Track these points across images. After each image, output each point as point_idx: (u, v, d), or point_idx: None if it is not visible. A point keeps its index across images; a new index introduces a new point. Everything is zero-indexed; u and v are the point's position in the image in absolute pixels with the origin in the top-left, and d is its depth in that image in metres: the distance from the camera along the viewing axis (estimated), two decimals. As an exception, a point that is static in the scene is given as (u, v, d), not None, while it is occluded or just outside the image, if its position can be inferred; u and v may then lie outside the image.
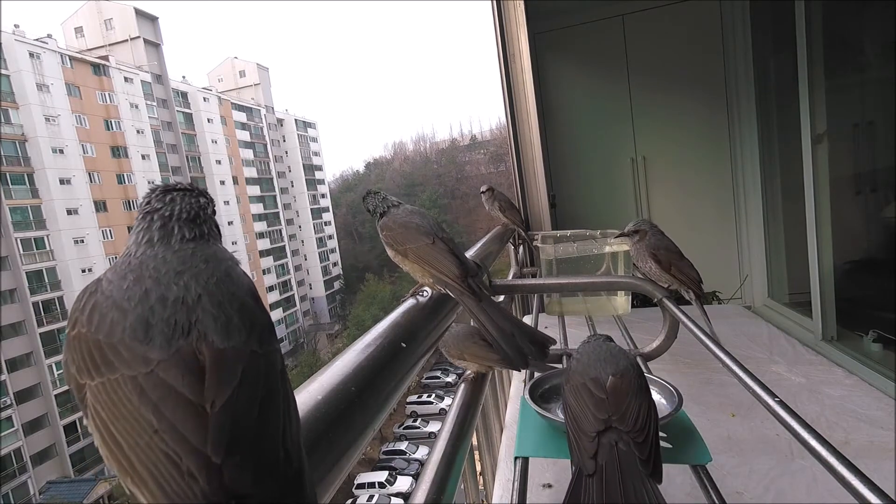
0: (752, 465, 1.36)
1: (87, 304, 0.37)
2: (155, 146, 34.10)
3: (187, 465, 0.29)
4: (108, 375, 0.33)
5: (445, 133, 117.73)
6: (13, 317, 24.16)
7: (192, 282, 0.38)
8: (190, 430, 0.31)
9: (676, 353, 1.32)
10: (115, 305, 0.36)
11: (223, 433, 0.31)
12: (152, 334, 0.34)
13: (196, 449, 0.30)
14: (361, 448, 0.54)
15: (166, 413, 0.31)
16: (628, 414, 0.60)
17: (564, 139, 3.93)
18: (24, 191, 26.56)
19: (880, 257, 2.56)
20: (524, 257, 2.77)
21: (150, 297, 0.36)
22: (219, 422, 0.31)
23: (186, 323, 0.35)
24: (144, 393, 0.32)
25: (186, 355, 0.34)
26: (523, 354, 0.83)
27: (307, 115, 57.07)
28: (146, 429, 0.31)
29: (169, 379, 0.32)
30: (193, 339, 0.34)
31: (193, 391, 0.32)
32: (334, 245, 54.48)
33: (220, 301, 0.37)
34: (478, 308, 0.86)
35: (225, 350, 0.35)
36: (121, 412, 0.32)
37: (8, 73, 26.33)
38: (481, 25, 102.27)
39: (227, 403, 0.32)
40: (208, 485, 0.29)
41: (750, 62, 3.32)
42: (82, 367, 0.35)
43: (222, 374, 0.33)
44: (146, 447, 0.30)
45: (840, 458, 0.53)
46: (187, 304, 0.36)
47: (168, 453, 0.30)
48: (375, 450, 22.81)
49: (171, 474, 0.29)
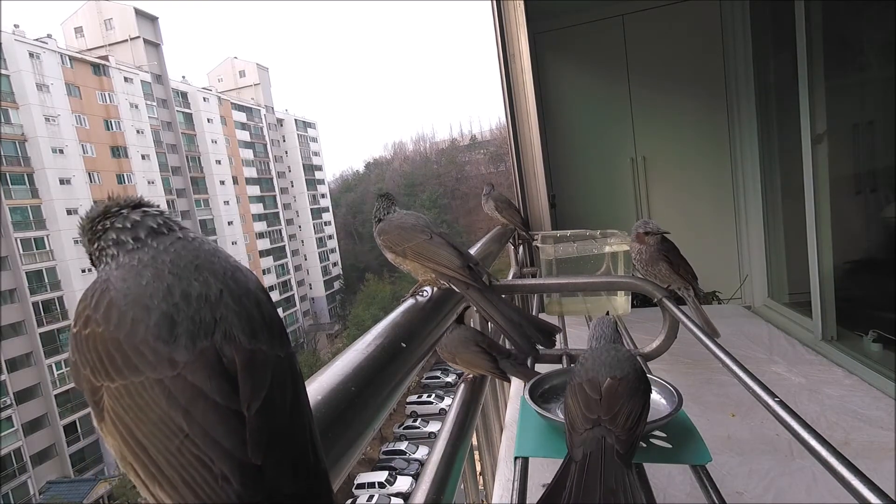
0: (752, 465, 1.37)
1: (100, 301, 0.35)
2: (155, 146, 34.08)
3: (220, 469, 0.30)
4: (131, 378, 0.32)
5: (445, 133, 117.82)
6: (13, 317, 24.15)
7: (210, 277, 0.36)
8: (222, 434, 0.31)
9: (676, 353, 1.32)
10: (136, 302, 0.34)
11: (262, 436, 0.31)
12: (177, 333, 0.33)
13: (229, 452, 0.30)
14: (361, 448, 0.54)
15: (196, 417, 0.31)
16: (619, 416, 0.64)
17: (564, 139, 3.92)
18: (24, 191, 26.55)
19: (880, 257, 2.56)
20: (524, 257, 2.77)
21: (174, 293, 0.34)
22: (256, 425, 0.32)
23: (211, 320, 0.34)
24: (173, 397, 0.31)
25: (211, 356, 0.33)
26: (531, 342, 0.84)
27: (307, 115, 57.14)
28: (176, 433, 0.30)
29: (197, 382, 0.32)
30: (218, 338, 0.34)
31: (222, 394, 0.32)
32: (334, 245, 54.48)
33: (240, 296, 0.36)
34: (483, 298, 0.86)
35: (254, 352, 0.35)
36: (147, 416, 0.31)
37: (8, 73, 26.32)
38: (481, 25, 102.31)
39: (263, 407, 0.32)
40: (243, 487, 0.29)
41: (750, 62, 3.32)
42: (98, 368, 0.33)
43: (255, 378, 0.33)
44: (176, 452, 0.30)
45: (840, 458, 0.53)
46: (210, 300, 0.35)
47: (200, 457, 0.30)
48: (375, 450, 22.81)
49: (203, 478, 0.30)
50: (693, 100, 3.68)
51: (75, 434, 24.74)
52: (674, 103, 3.73)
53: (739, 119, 3.49)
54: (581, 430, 0.64)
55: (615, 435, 0.62)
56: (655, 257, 1.34)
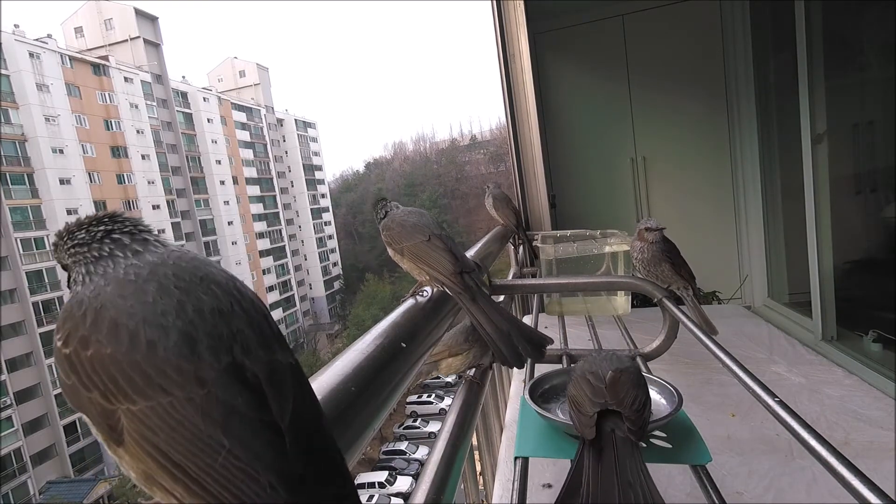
0: (752, 465, 1.36)
1: (98, 319, 0.33)
2: (155, 146, 34.07)
3: (267, 479, 0.30)
4: (157, 399, 0.31)
5: (445, 133, 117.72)
6: (13, 317, 24.14)
7: (217, 289, 0.36)
8: (260, 445, 0.31)
9: (676, 353, 1.32)
10: (148, 321, 0.33)
11: (300, 444, 0.33)
12: (199, 350, 0.33)
13: (270, 462, 0.31)
14: (361, 448, 0.54)
15: (234, 432, 0.31)
16: (626, 400, 0.66)
17: (564, 139, 3.92)
18: (24, 191, 26.55)
19: (880, 257, 2.56)
20: (524, 257, 2.77)
21: (186, 310, 0.34)
22: (294, 436, 0.33)
23: (229, 334, 0.34)
24: (207, 414, 0.31)
25: (235, 371, 0.33)
26: (519, 354, 0.82)
27: (307, 115, 57.13)
28: (217, 449, 0.31)
29: (228, 398, 0.32)
30: (237, 351, 0.34)
31: (252, 408, 0.32)
32: (334, 245, 54.48)
33: (248, 308, 0.36)
34: (473, 305, 0.85)
35: (272, 363, 0.35)
36: (183, 436, 0.31)
37: (8, 73, 26.32)
38: (481, 25, 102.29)
39: (294, 416, 0.34)
40: (290, 494, 0.31)
41: (750, 62, 3.32)
42: (113, 392, 0.32)
43: (281, 389, 0.34)
44: (221, 468, 0.30)
45: (840, 458, 0.53)
46: (224, 314, 0.35)
47: (245, 469, 0.30)
48: (375, 450, 22.81)
49: (252, 489, 0.30)
50: (693, 100, 3.68)
51: (75, 434, 24.72)
52: (674, 103, 3.73)
53: (739, 119, 3.49)
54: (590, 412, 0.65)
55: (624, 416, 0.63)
56: (658, 257, 1.35)
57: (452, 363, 1.00)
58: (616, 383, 0.68)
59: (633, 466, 0.58)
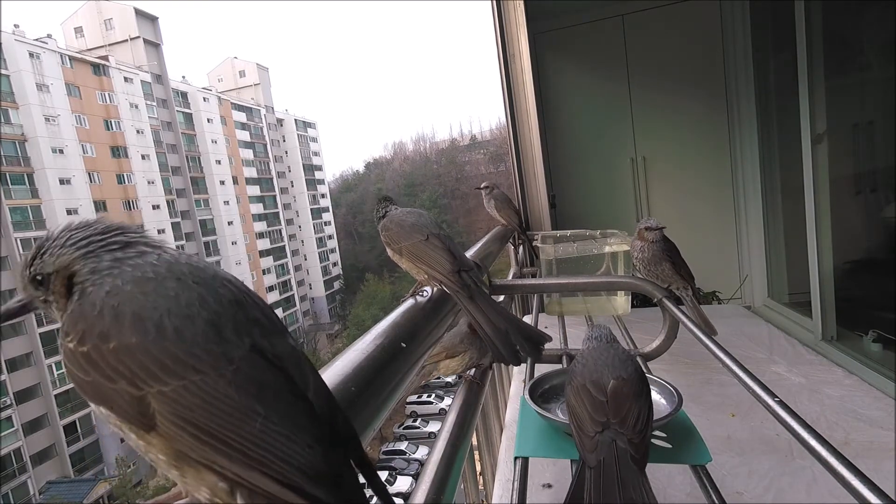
0: (752, 465, 1.37)
1: (118, 316, 0.35)
2: (155, 146, 34.06)
3: (303, 439, 0.34)
4: (190, 377, 0.33)
5: (445, 133, 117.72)
6: (13, 317, 24.13)
7: (229, 284, 0.39)
8: (292, 413, 0.35)
9: (676, 353, 1.32)
10: (173, 312, 0.35)
11: (325, 413, 0.38)
12: (226, 335, 0.36)
13: (303, 426, 0.35)
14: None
15: (268, 401, 0.34)
16: (628, 418, 0.64)
17: (564, 139, 3.92)
18: (24, 191, 26.55)
19: (880, 257, 2.56)
20: (524, 257, 2.77)
21: (208, 301, 0.37)
22: (319, 405, 0.38)
23: (247, 321, 0.38)
24: (241, 387, 0.34)
25: (257, 351, 0.37)
26: (516, 352, 0.82)
27: (307, 115, 57.13)
28: (255, 417, 0.33)
29: (257, 374, 0.35)
30: (257, 335, 0.38)
31: (278, 381, 0.36)
32: (334, 245, 54.48)
33: (258, 301, 0.40)
34: (470, 303, 0.86)
35: (291, 344, 0.40)
36: (219, 408, 0.33)
37: (8, 73, 26.31)
38: (481, 25, 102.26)
39: (316, 389, 0.39)
40: (326, 451, 0.35)
41: (750, 62, 3.32)
42: (141, 377, 0.33)
43: (301, 366, 0.39)
44: (259, 433, 0.33)
45: (840, 458, 0.53)
46: (241, 304, 0.39)
47: (281, 432, 0.34)
48: (375, 450, 22.80)
49: (293, 449, 0.33)
50: (693, 100, 3.68)
51: (75, 434, 24.72)
52: (674, 103, 3.73)
53: (739, 119, 3.49)
54: (592, 434, 0.63)
55: (627, 438, 0.62)
56: (659, 257, 1.35)
57: (450, 364, 1.00)
58: (619, 396, 0.66)
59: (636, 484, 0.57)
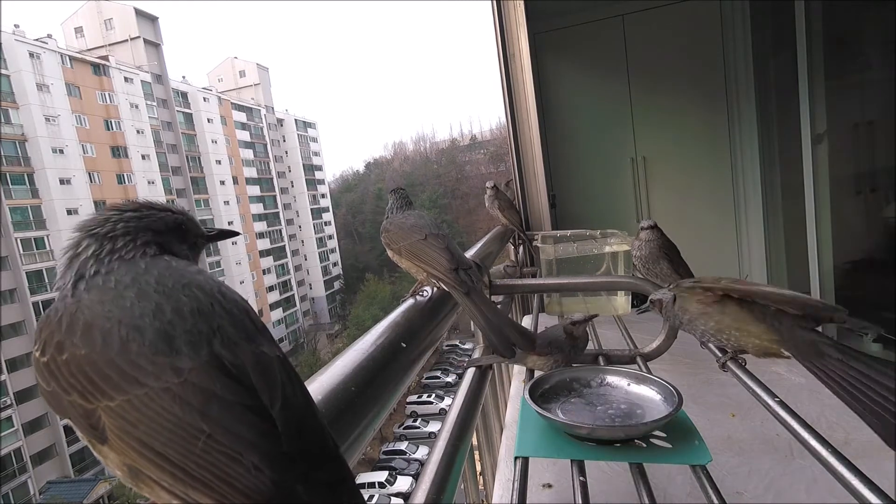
0: (752, 465, 1.36)
1: (72, 325, 0.35)
2: (155, 146, 34.06)
3: (250, 460, 0.31)
4: (133, 392, 0.32)
5: (445, 133, 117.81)
6: (13, 317, 24.15)
7: (199, 292, 0.38)
8: (242, 428, 0.32)
9: (676, 353, 1.32)
10: (123, 322, 0.34)
11: (291, 427, 0.34)
12: (177, 346, 0.34)
13: (255, 444, 0.32)
14: (361, 448, 0.55)
15: (213, 416, 0.32)
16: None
17: (564, 139, 3.92)
18: (24, 191, 26.54)
19: (880, 257, 2.56)
20: (524, 257, 2.76)
21: (164, 311, 0.35)
22: (284, 417, 0.34)
23: (209, 330, 0.36)
24: (185, 401, 0.32)
25: (214, 361, 0.34)
26: (510, 344, 0.88)
27: (307, 115, 57.12)
28: (197, 435, 0.31)
29: (205, 385, 0.33)
30: (217, 344, 0.35)
31: (232, 392, 0.33)
32: (334, 245, 54.46)
33: (230, 308, 0.38)
34: (466, 299, 0.89)
35: (258, 353, 0.37)
36: (161, 425, 0.32)
37: (8, 73, 26.31)
38: (481, 25, 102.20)
39: (284, 402, 0.35)
40: (277, 474, 0.31)
41: (750, 62, 3.32)
42: (90, 391, 0.33)
43: (267, 375, 0.36)
44: (202, 452, 0.31)
45: (840, 458, 0.53)
46: (204, 313, 0.37)
47: (227, 452, 0.31)
48: (375, 450, 22.81)
49: (236, 471, 0.31)
50: (693, 100, 3.68)
51: (75, 434, 24.59)
52: (674, 103, 3.73)
53: (739, 119, 3.49)
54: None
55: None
56: (657, 255, 1.35)
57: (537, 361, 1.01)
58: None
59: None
